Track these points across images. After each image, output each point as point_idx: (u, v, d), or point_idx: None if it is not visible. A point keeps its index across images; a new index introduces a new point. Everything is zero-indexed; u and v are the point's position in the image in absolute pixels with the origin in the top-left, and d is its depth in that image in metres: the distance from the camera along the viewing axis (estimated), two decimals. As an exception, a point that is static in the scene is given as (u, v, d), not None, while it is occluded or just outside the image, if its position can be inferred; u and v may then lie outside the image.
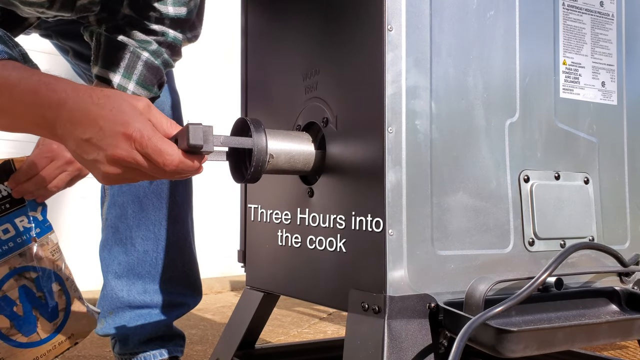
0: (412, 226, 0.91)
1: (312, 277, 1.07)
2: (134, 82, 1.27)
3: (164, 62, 1.31)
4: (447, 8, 0.96)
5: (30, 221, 1.27)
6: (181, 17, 1.27)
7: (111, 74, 1.25)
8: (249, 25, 1.31)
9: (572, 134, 1.08)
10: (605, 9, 1.13)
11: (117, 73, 1.25)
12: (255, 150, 0.93)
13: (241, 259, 1.30)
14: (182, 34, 1.32)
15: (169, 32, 1.29)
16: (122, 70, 1.25)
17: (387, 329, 0.87)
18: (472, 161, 0.97)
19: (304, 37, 1.13)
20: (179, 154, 0.84)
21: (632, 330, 0.95)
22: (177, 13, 1.26)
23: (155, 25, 1.28)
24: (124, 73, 1.26)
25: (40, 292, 1.25)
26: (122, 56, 1.25)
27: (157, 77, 1.30)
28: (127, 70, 1.26)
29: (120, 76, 1.25)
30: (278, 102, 1.21)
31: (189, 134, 0.82)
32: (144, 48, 1.27)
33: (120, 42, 1.26)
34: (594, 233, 1.08)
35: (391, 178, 0.90)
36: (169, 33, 1.29)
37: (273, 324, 2.38)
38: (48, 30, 1.51)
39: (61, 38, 1.52)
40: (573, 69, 1.09)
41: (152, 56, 1.28)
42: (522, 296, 0.87)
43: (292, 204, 1.13)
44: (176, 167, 0.84)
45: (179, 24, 1.29)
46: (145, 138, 0.82)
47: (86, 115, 0.83)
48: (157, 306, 1.44)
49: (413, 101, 0.92)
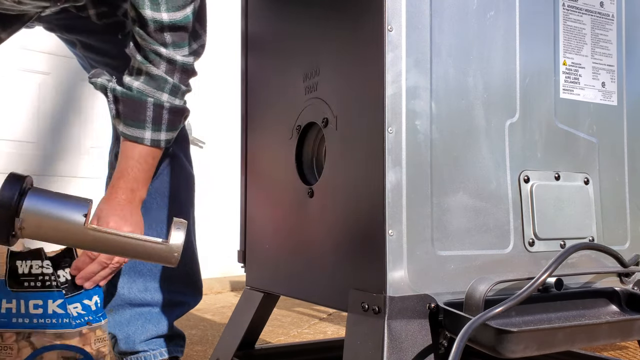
0: (412, 226, 0.91)
1: (312, 277, 1.07)
2: (164, 132, 1.28)
3: (183, 96, 1.31)
4: (447, 8, 0.96)
5: (83, 308, 1.27)
6: (177, 23, 1.24)
7: (140, 132, 1.26)
8: (249, 25, 1.31)
9: (572, 135, 1.07)
10: (606, 10, 1.13)
11: (147, 129, 1.27)
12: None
13: (241, 259, 1.30)
14: (188, 46, 1.29)
15: (176, 59, 1.27)
16: (150, 125, 1.27)
17: (387, 330, 0.87)
18: (472, 161, 0.97)
19: (304, 37, 1.13)
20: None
21: (632, 330, 0.95)
22: (171, 19, 1.24)
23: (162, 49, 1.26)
24: (152, 128, 1.27)
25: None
26: (145, 111, 1.26)
27: (185, 115, 1.32)
28: (155, 124, 1.27)
29: (151, 132, 1.27)
30: (278, 102, 1.21)
31: None
32: (162, 89, 1.26)
33: (137, 97, 1.25)
34: (594, 233, 1.08)
35: (391, 178, 0.90)
36: (177, 60, 1.27)
37: (273, 324, 2.38)
38: (50, 23, 1.50)
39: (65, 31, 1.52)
40: (573, 69, 1.09)
41: (171, 96, 1.28)
42: (522, 296, 0.87)
43: (292, 204, 1.13)
44: None
45: (179, 34, 1.27)
46: None
47: None
48: (158, 304, 1.44)
49: (413, 101, 0.92)
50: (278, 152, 1.18)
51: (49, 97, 3.09)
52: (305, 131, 1.11)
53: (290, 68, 1.15)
